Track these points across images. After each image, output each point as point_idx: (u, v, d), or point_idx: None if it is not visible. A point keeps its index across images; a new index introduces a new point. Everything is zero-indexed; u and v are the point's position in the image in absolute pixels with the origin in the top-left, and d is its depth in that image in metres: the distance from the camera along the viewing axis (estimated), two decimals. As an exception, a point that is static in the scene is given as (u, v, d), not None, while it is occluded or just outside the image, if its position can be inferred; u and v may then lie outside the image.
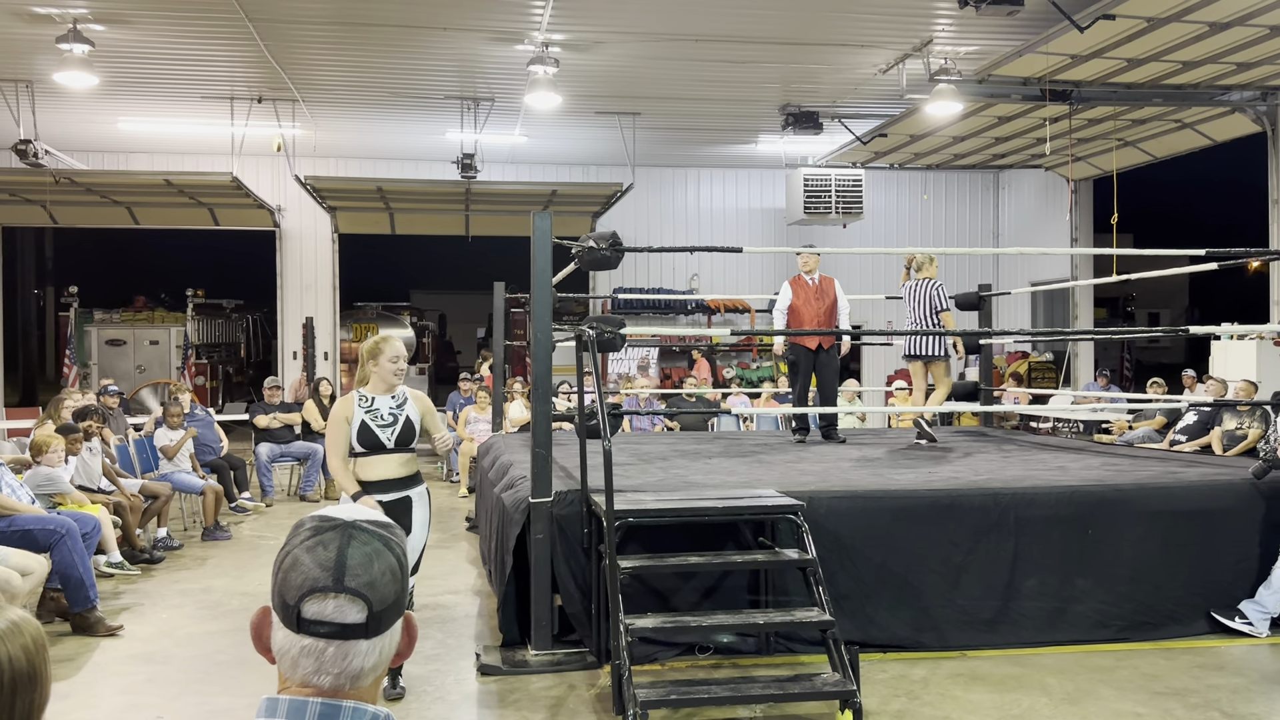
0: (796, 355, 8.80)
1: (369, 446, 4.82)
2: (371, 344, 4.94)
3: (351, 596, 1.25)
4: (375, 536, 1.30)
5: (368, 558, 1.27)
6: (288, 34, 10.54)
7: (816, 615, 4.87)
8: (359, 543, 1.28)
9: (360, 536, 1.29)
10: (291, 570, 1.27)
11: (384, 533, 1.32)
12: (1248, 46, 10.04)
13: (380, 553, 1.28)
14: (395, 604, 1.29)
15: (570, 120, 13.93)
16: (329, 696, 1.25)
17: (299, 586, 1.25)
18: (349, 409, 4.84)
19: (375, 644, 1.27)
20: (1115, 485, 6.07)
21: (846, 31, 10.45)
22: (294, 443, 11.37)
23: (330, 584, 1.25)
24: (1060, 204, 16.18)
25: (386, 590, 1.27)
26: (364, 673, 1.27)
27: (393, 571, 1.28)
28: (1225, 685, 5.07)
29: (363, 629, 1.25)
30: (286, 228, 16.94)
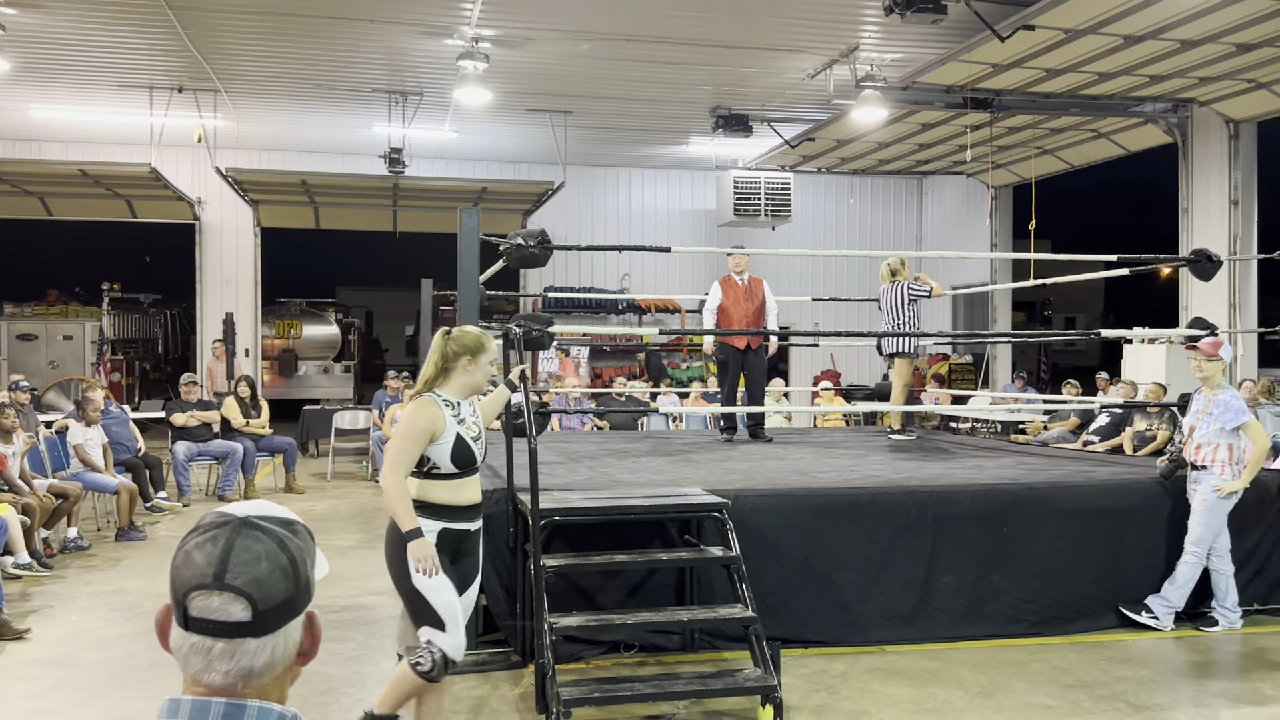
0: (725, 355, 8.88)
1: (464, 465, 3.92)
2: (474, 338, 4.00)
3: (234, 594, 1.23)
4: (269, 534, 1.27)
5: (255, 555, 1.25)
6: (210, 23, 10.31)
7: (740, 612, 4.91)
8: (249, 540, 1.26)
9: (252, 534, 1.26)
10: (182, 566, 1.25)
11: (280, 530, 1.29)
12: (1160, 60, 10.40)
13: (271, 552, 1.26)
14: (287, 603, 1.26)
15: (501, 117, 13.86)
16: (223, 695, 1.23)
17: (185, 583, 1.24)
18: (437, 419, 3.85)
19: (265, 643, 1.25)
20: (1029, 484, 6.25)
21: (776, 36, 10.57)
22: (212, 441, 11.11)
23: (211, 581, 1.23)
24: (981, 210, 16.57)
25: (275, 589, 1.25)
26: (255, 672, 1.24)
27: (284, 570, 1.26)
28: (1131, 677, 5.25)
29: (248, 627, 1.23)
30: (207, 221, 16.56)
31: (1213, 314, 11.22)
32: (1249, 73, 10.85)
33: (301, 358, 19.61)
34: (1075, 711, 4.74)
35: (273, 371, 18.90)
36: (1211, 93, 11.71)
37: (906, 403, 8.79)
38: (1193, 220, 12.75)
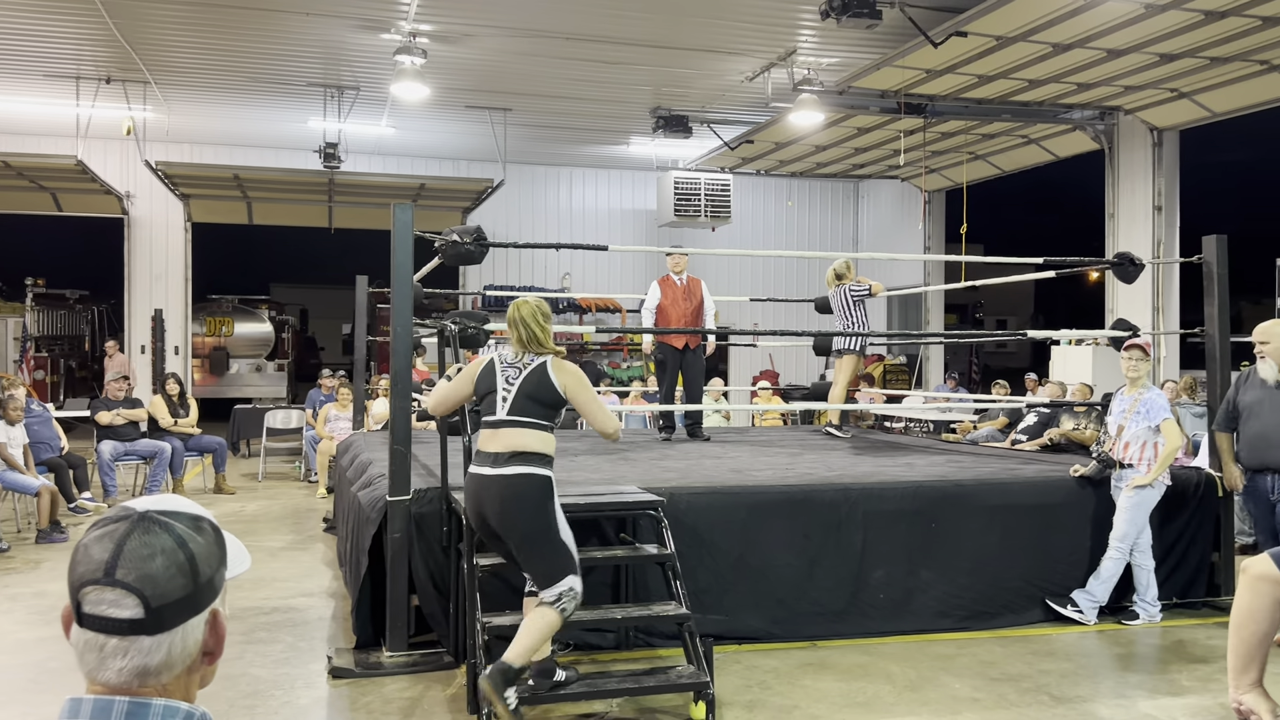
0: (664, 355, 8.91)
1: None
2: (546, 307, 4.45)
3: (125, 590, 1.20)
4: (168, 530, 1.24)
5: (151, 551, 1.22)
6: (138, 12, 10.07)
7: (673, 609, 4.93)
8: (146, 535, 1.23)
9: (150, 529, 1.23)
10: (78, 561, 1.23)
11: (183, 527, 1.26)
12: (1087, 68, 10.68)
13: (169, 548, 1.23)
14: (185, 600, 1.23)
15: (439, 113, 13.75)
16: (120, 694, 1.21)
17: (79, 578, 1.21)
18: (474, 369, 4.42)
19: (161, 641, 1.22)
20: (957, 481, 6.36)
21: (715, 38, 10.64)
22: (139, 440, 10.85)
23: (102, 576, 1.20)
24: (915, 213, 16.86)
25: (169, 586, 1.21)
26: (151, 670, 1.22)
27: (180, 567, 1.23)
28: (1055, 670, 5.37)
29: (140, 625, 1.20)
30: (136, 215, 16.17)
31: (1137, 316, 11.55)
32: (1171, 82, 11.18)
33: (233, 356, 19.25)
34: (1000, 704, 4.85)
35: (203, 370, 18.52)
36: (1136, 101, 12.05)
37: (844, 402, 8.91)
38: (1118, 225, 13.11)
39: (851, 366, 8.80)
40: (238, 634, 5.83)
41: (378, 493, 5.77)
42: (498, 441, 4.23)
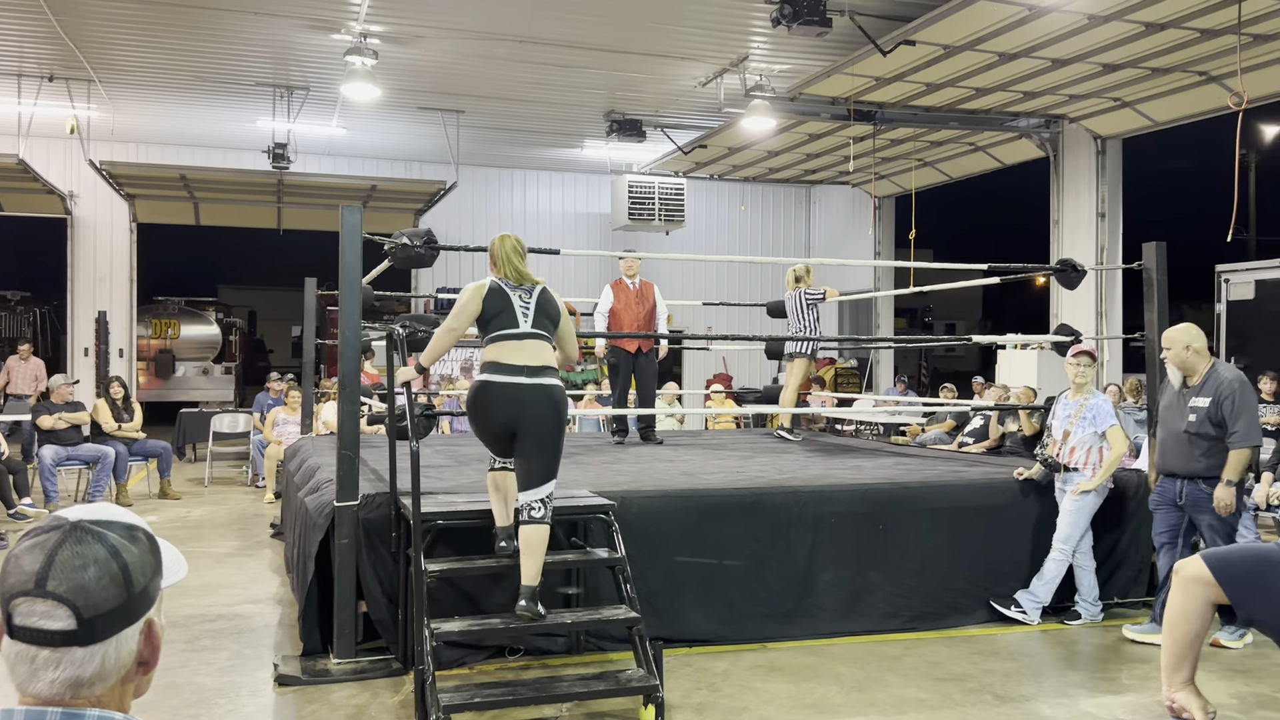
0: (617, 358, 8.93)
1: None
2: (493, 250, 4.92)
3: (56, 601, 1.19)
4: (101, 540, 1.23)
5: (83, 561, 1.21)
6: (83, 9, 9.88)
7: (624, 613, 4.94)
8: (78, 545, 1.22)
9: (83, 539, 1.22)
10: (9, 572, 1.21)
11: (116, 536, 1.25)
12: (1033, 77, 10.87)
13: (101, 558, 1.22)
14: (118, 611, 1.22)
15: (391, 114, 13.65)
16: (52, 705, 1.19)
17: (10, 589, 1.20)
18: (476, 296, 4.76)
19: (94, 652, 1.21)
20: (904, 483, 6.45)
21: (668, 43, 10.68)
22: (82, 445, 10.63)
23: (33, 587, 1.19)
24: (865, 219, 17.05)
25: (102, 596, 1.21)
26: (84, 681, 1.20)
27: (113, 577, 1.22)
28: (999, 670, 5.46)
29: (73, 636, 1.19)
30: (80, 215, 15.84)
31: (1081, 321, 11.80)
32: (1114, 92, 11.43)
33: (179, 359, 18.93)
34: (946, 704, 4.92)
35: (149, 373, 18.20)
36: (1081, 110, 12.29)
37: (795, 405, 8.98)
38: (1063, 231, 13.35)
39: (803, 370, 8.87)
40: (181, 642, 5.74)
41: (325, 498, 5.71)
42: (525, 354, 4.60)
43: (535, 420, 4.55)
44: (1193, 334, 6.01)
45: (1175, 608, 2.24)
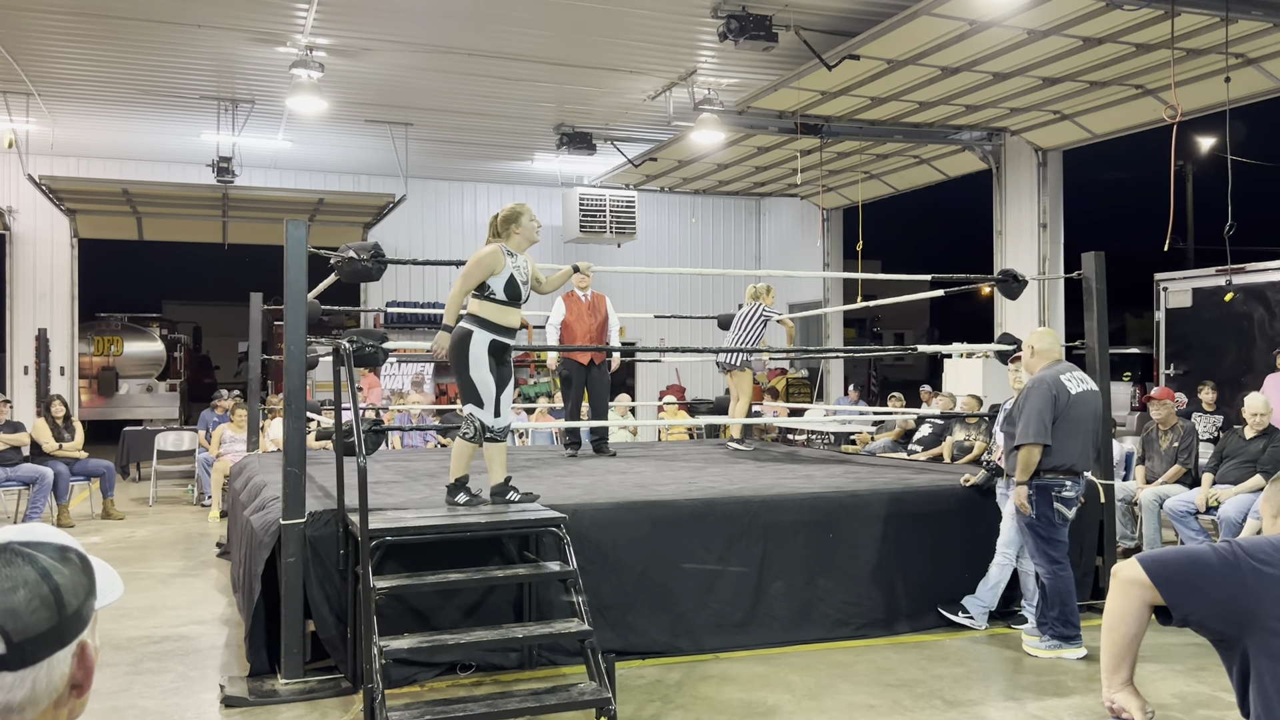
0: (569, 370, 8.92)
1: (512, 298, 5.53)
2: (509, 210, 5.75)
3: None
4: (31, 561, 1.21)
5: (13, 584, 1.18)
6: (20, 22, 9.69)
7: (576, 626, 4.93)
8: (7, 567, 1.19)
9: (12, 560, 1.20)
10: None
11: (47, 558, 1.22)
12: (974, 90, 11.07)
13: (31, 580, 1.19)
14: (49, 634, 1.19)
15: (338, 127, 13.54)
16: None
17: None
18: (497, 261, 5.49)
19: (24, 676, 1.18)
20: (853, 491, 6.51)
21: (616, 57, 10.72)
22: (20, 465, 10.37)
23: None
24: (814, 231, 17.21)
25: (32, 619, 1.18)
26: (15, 706, 1.17)
27: (43, 599, 1.19)
28: (948, 675, 5.53)
29: (3, 660, 1.16)
30: (18, 231, 15.50)
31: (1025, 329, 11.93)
32: (1054, 105, 11.68)
33: (123, 376, 18.54)
34: (896, 710, 4.96)
35: (91, 391, 17.80)
36: (1022, 123, 12.54)
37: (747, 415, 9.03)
38: (1006, 242, 13.60)
39: (749, 382, 8.92)
40: (124, 664, 5.61)
41: (271, 516, 5.63)
42: (514, 318, 5.60)
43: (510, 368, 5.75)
44: (1039, 336, 6.23)
45: (1113, 610, 2.29)
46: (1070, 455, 5.86)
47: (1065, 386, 5.89)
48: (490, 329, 5.51)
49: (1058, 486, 5.87)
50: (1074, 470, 5.89)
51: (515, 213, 5.72)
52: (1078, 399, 5.90)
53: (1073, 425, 5.85)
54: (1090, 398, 5.99)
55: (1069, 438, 5.84)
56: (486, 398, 5.53)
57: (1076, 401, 5.88)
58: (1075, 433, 5.86)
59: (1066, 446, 5.84)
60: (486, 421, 5.56)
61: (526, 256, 5.75)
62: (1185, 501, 7.93)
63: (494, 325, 5.52)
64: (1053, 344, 6.17)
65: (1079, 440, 5.89)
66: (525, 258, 5.72)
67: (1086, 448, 5.97)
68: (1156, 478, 8.48)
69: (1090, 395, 6.00)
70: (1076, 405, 5.88)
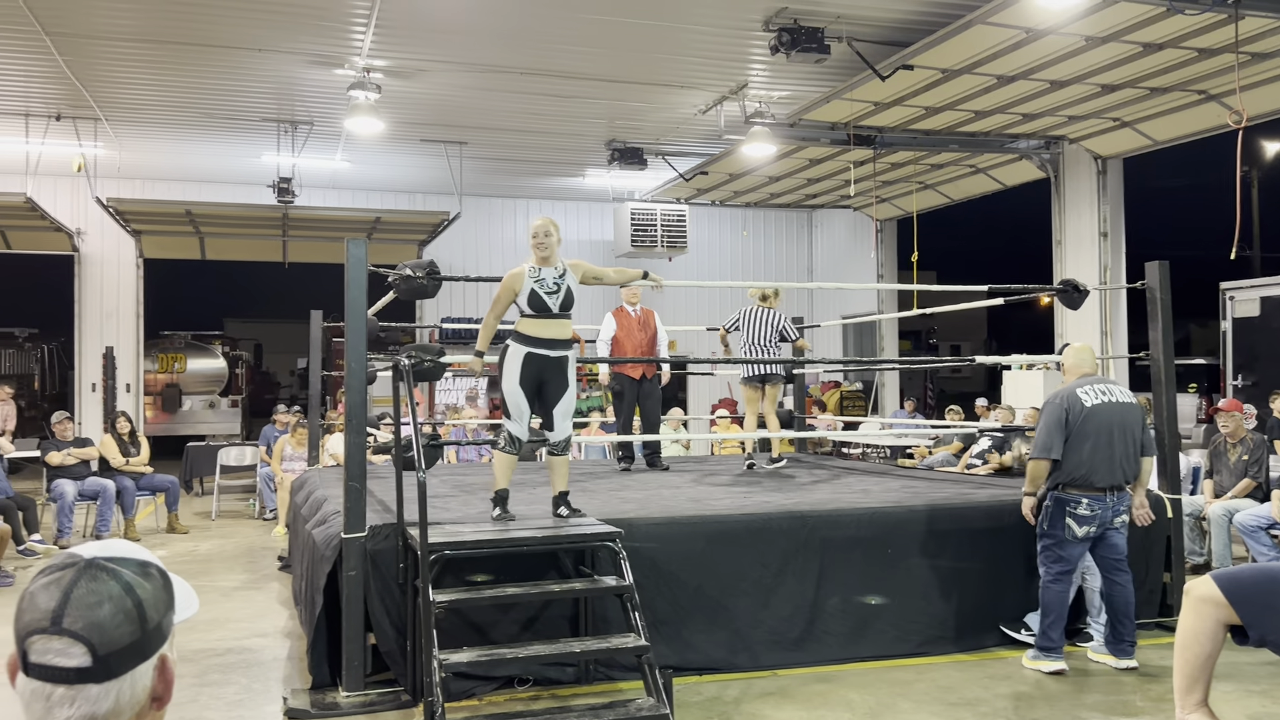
0: (621, 385, 8.93)
1: (537, 309, 5.62)
2: (535, 227, 5.83)
3: (72, 639, 1.19)
4: (115, 576, 1.24)
5: (98, 598, 1.21)
6: (89, 50, 10.00)
7: (632, 641, 4.92)
8: (92, 582, 1.22)
9: (97, 576, 1.23)
10: (25, 610, 1.22)
11: (129, 573, 1.25)
12: (1032, 99, 10.93)
13: (116, 595, 1.23)
14: (132, 647, 1.23)
15: (394, 147, 13.75)
16: None
17: (26, 627, 1.21)
18: (518, 281, 5.63)
19: (109, 689, 1.21)
20: (911, 506, 6.42)
21: (668, 72, 10.77)
22: (87, 480, 10.64)
23: (48, 625, 1.19)
24: (867, 242, 17.08)
25: (117, 633, 1.21)
26: (100, 718, 1.20)
27: (128, 614, 1.22)
28: (1012, 694, 5.42)
29: (88, 673, 1.20)
30: (86, 252, 15.95)
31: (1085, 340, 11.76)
32: (1114, 112, 11.48)
33: (186, 392, 18.97)
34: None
35: (156, 407, 18.23)
36: (1080, 130, 12.34)
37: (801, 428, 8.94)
38: (1065, 251, 13.38)
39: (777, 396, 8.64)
40: (191, 676, 5.72)
41: (332, 530, 5.71)
42: (553, 329, 5.66)
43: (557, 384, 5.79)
44: (1070, 352, 6.15)
45: (1187, 629, 2.23)
46: (1082, 468, 5.74)
47: (1079, 400, 5.80)
48: (525, 341, 5.62)
49: (1073, 502, 5.78)
50: (1090, 484, 5.74)
51: (530, 230, 5.86)
52: (1093, 412, 5.77)
53: (1086, 439, 5.74)
54: (1112, 410, 5.80)
55: (1081, 451, 5.74)
56: (515, 410, 5.66)
57: (1092, 415, 5.76)
58: (1089, 446, 5.73)
59: (1079, 460, 5.74)
60: (515, 432, 5.70)
61: (569, 263, 5.81)
62: (1257, 516, 7.71)
63: (527, 338, 5.62)
64: (1081, 359, 6.08)
65: (1096, 453, 5.73)
66: (559, 266, 5.75)
67: (1105, 461, 5.75)
68: (1225, 491, 8.26)
69: (1112, 407, 5.81)
70: (1092, 418, 5.75)
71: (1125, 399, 5.89)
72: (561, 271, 5.76)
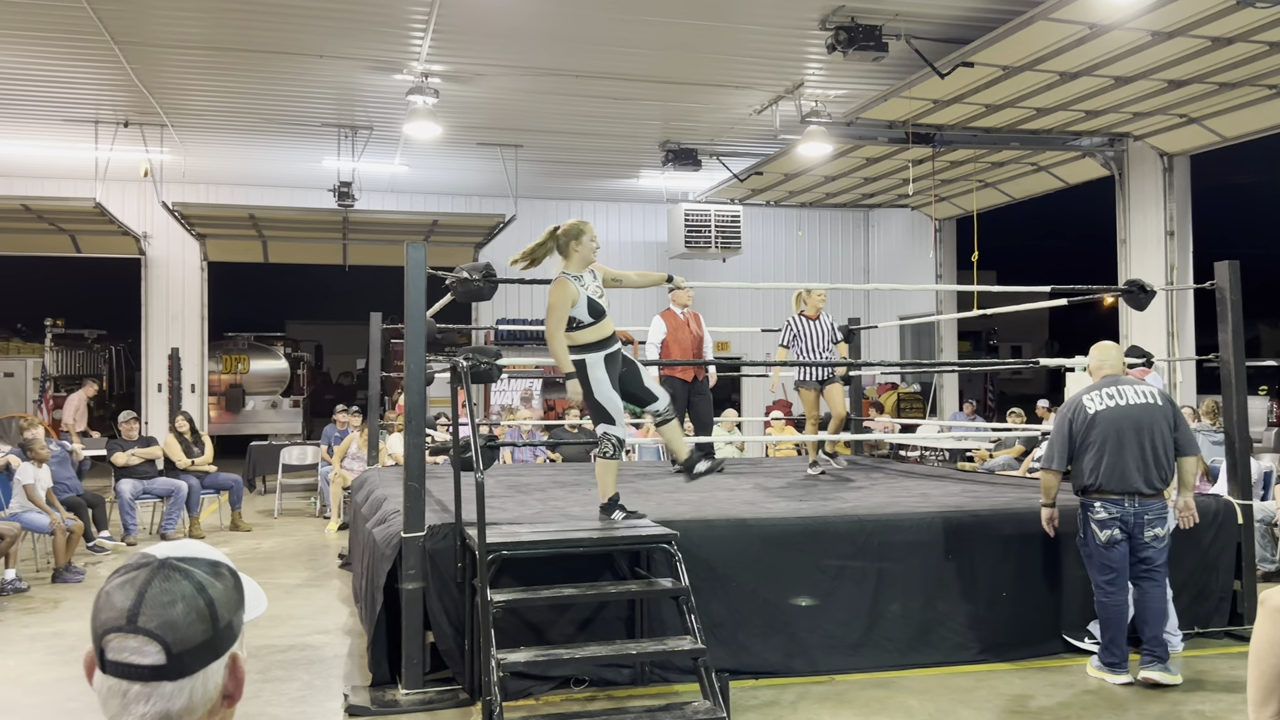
0: (674, 388, 8.91)
1: (597, 315, 5.59)
2: (572, 225, 5.67)
3: (147, 637, 1.22)
4: (188, 576, 1.27)
5: (172, 598, 1.24)
6: (156, 58, 10.24)
7: (689, 644, 4.91)
8: (166, 582, 1.25)
9: (171, 576, 1.26)
10: (101, 608, 1.25)
11: (202, 573, 1.28)
12: (1095, 95, 10.71)
13: (189, 594, 1.26)
14: (205, 646, 1.26)
15: (451, 150, 13.89)
16: None
17: (102, 625, 1.24)
18: (572, 292, 5.51)
19: (183, 686, 1.24)
20: (973, 511, 6.33)
21: (722, 73, 10.73)
22: (156, 479, 10.90)
23: (125, 623, 1.23)
24: (925, 242, 16.87)
25: (190, 632, 1.24)
26: (173, 715, 1.23)
27: (200, 613, 1.25)
28: (1076, 703, 5.32)
29: (163, 671, 1.23)
30: (153, 255, 16.34)
31: (1151, 342, 11.52)
32: (1180, 108, 11.21)
33: (249, 393, 19.36)
34: (1020, 737, 4.80)
35: (219, 407, 18.63)
36: (1146, 127, 12.07)
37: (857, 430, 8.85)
38: (1130, 251, 13.09)
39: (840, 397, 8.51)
40: (254, 672, 5.83)
41: (392, 529, 5.78)
42: (609, 327, 5.67)
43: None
44: (1093, 351, 6.01)
45: (1262, 639, 2.17)
46: (1093, 475, 5.62)
47: (1084, 407, 5.69)
48: (596, 348, 5.60)
49: (1090, 508, 5.68)
50: (1103, 490, 5.60)
51: (578, 230, 5.66)
52: (1099, 417, 5.62)
53: (1091, 446, 5.62)
54: (1122, 413, 5.61)
55: (1090, 458, 5.62)
56: (616, 413, 5.63)
57: (1096, 420, 5.63)
58: (1095, 452, 5.60)
59: (1089, 467, 5.63)
60: (620, 435, 5.66)
61: (596, 267, 5.76)
62: (1331, 523, 7.48)
63: (597, 344, 5.61)
64: (1104, 359, 5.93)
65: (1105, 459, 5.58)
66: (592, 269, 5.72)
67: (1116, 465, 5.56)
68: (1299, 497, 8.01)
69: (1123, 410, 5.62)
70: (1098, 424, 5.62)
71: (1141, 400, 5.67)
72: (596, 275, 5.75)
